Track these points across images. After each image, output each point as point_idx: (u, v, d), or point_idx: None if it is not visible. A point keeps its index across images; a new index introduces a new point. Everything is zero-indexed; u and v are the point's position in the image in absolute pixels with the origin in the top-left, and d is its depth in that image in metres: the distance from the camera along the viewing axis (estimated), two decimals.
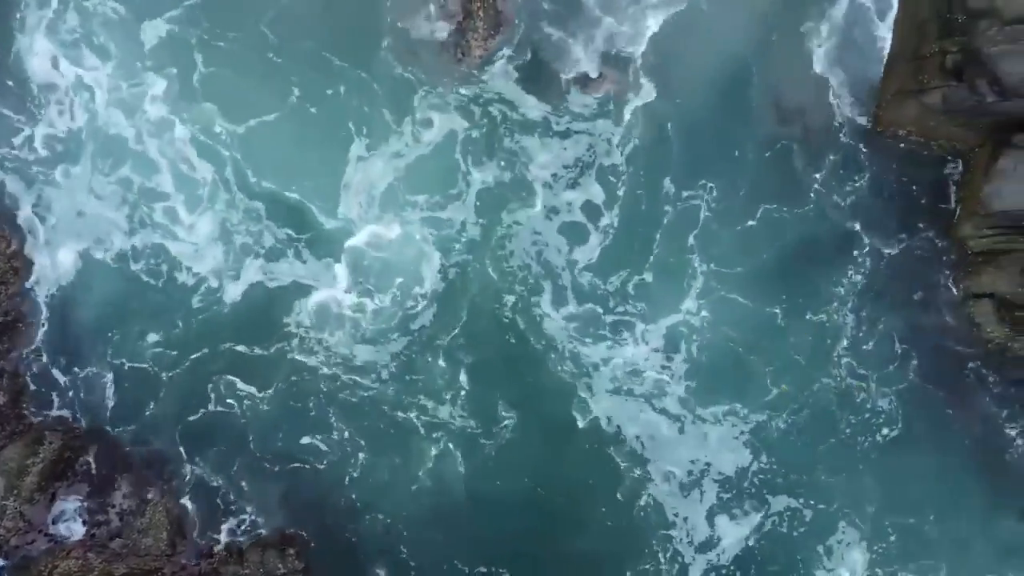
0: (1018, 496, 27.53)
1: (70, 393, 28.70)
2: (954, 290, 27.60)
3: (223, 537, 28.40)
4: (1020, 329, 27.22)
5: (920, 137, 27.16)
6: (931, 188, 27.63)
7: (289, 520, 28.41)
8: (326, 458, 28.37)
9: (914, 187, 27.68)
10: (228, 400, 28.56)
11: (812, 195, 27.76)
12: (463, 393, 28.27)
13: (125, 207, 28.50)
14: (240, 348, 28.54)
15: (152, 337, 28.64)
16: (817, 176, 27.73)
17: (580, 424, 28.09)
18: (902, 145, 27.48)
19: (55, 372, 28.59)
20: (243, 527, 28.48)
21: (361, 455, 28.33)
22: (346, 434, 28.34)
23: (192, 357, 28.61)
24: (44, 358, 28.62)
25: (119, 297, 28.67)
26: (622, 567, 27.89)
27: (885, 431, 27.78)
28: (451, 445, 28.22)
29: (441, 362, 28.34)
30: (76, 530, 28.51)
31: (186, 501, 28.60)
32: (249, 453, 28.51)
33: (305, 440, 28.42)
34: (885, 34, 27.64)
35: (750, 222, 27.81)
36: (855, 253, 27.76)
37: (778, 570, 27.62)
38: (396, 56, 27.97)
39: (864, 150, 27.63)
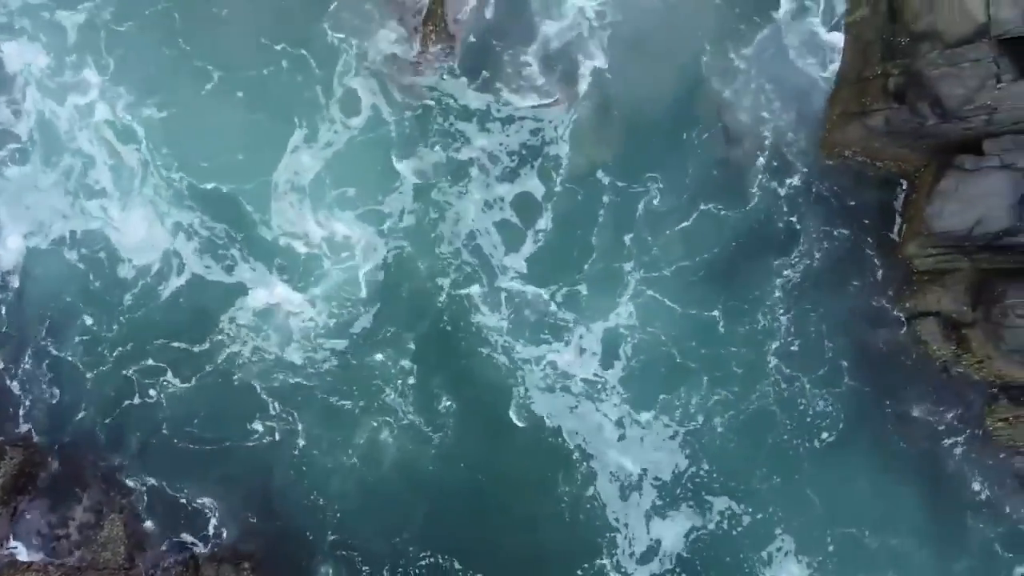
0: (955, 508, 27.95)
1: (28, 403, 28.93)
2: (897, 306, 27.95)
3: (179, 549, 28.77)
4: (965, 347, 27.61)
5: (866, 157, 27.49)
6: (877, 207, 27.97)
7: (242, 525, 28.80)
8: (273, 457, 28.69)
9: (860, 206, 28.01)
10: (175, 406, 28.85)
11: (755, 207, 28.11)
12: (406, 388, 28.61)
13: (66, 200, 28.56)
14: (182, 346, 28.72)
15: (104, 346, 28.80)
16: (762, 190, 28.04)
17: (520, 421, 28.52)
18: (849, 164, 27.80)
19: (10, 384, 28.85)
20: (200, 535, 28.82)
21: (306, 450, 28.69)
22: (289, 430, 28.67)
23: (143, 364, 28.82)
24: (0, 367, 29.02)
25: (67, 306, 28.86)
26: (565, 558, 28.37)
27: (824, 437, 28.19)
28: (396, 438, 28.59)
29: (381, 358, 28.65)
30: (37, 544, 28.88)
31: (144, 514, 28.88)
32: (199, 460, 28.81)
33: (251, 439, 28.74)
34: (835, 54, 27.90)
35: (689, 227, 28.13)
36: (797, 266, 28.13)
37: None
38: (340, 62, 28.21)
39: (810, 168, 27.94)
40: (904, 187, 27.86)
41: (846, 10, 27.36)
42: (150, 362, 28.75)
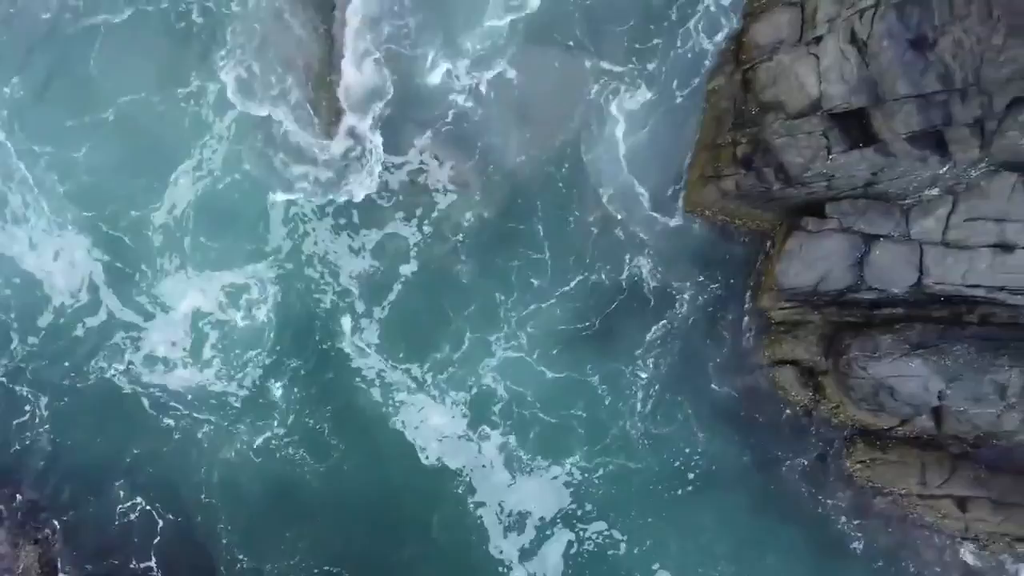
0: (822, 549, 29.67)
1: None
2: (758, 356, 29.70)
3: None
4: (822, 393, 29.26)
5: (724, 217, 29.20)
6: (740, 262, 29.64)
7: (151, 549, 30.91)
8: (176, 482, 30.73)
9: (725, 261, 29.68)
10: (78, 437, 30.77)
11: (625, 265, 29.82)
12: (296, 420, 30.64)
13: None
14: (90, 377, 30.48)
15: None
16: (631, 249, 29.71)
17: (404, 455, 30.65)
18: (712, 223, 29.50)
19: None
20: (110, 562, 30.79)
21: (207, 477, 30.66)
22: (189, 457, 30.59)
23: (48, 392, 30.66)
24: None
25: None
26: None
27: (695, 483, 30.05)
28: (289, 466, 30.60)
29: (274, 389, 30.57)
30: None
31: (58, 543, 30.85)
32: (107, 489, 30.82)
33: (152, 467, 30.77)
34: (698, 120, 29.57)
35: (564, 288, 29.88)
36: (663, 320, 29.90)
37: None
38: (223, 114, 29.78)
39: (676, 227, 29.56)
40: (767, 243, 29.63)
41: (706, 78, 29.10)
42: (58, 394, 30.60)
